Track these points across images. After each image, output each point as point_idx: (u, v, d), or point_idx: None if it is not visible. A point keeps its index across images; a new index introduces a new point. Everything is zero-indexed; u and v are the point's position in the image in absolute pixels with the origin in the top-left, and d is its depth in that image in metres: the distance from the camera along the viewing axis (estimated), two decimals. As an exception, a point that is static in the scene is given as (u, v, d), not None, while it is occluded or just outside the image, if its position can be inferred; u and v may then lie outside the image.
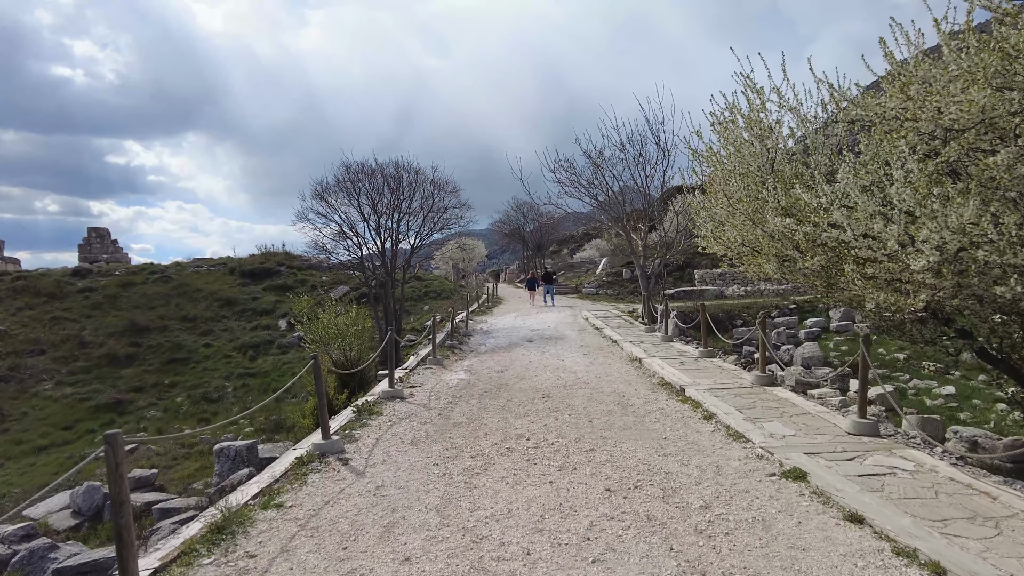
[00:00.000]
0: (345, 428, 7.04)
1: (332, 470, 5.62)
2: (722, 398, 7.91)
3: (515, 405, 8.09)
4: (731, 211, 8.50)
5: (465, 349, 14.14)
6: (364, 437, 6.68)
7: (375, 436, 6.72)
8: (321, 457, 5.95)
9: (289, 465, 5.71)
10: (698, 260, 33.64)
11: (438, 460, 5.82)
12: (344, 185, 19.13)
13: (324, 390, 6.22)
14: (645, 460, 5.67)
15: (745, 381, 9.09)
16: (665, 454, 5.84)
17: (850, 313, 20.71)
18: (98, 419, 18.32)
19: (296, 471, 5.58)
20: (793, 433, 6.28)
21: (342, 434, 6.79)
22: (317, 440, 6.20)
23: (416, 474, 5.44)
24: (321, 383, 6.19)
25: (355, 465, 5.74)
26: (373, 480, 5.32)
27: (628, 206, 19.67)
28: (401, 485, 5.17)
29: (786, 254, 8.18)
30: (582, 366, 11.10)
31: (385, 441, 6.52)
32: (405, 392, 9.01)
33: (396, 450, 6.18)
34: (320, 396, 6.19)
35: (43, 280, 28.42)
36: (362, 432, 6.89)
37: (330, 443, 6.12)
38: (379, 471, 5.55)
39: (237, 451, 11.59)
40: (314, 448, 6.08)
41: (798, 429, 6.43)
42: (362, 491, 5.07)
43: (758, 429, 6.43)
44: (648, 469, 5.42)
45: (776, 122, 8.70)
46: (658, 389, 8.96)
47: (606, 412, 7.60)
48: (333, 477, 5.43)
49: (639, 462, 5.62)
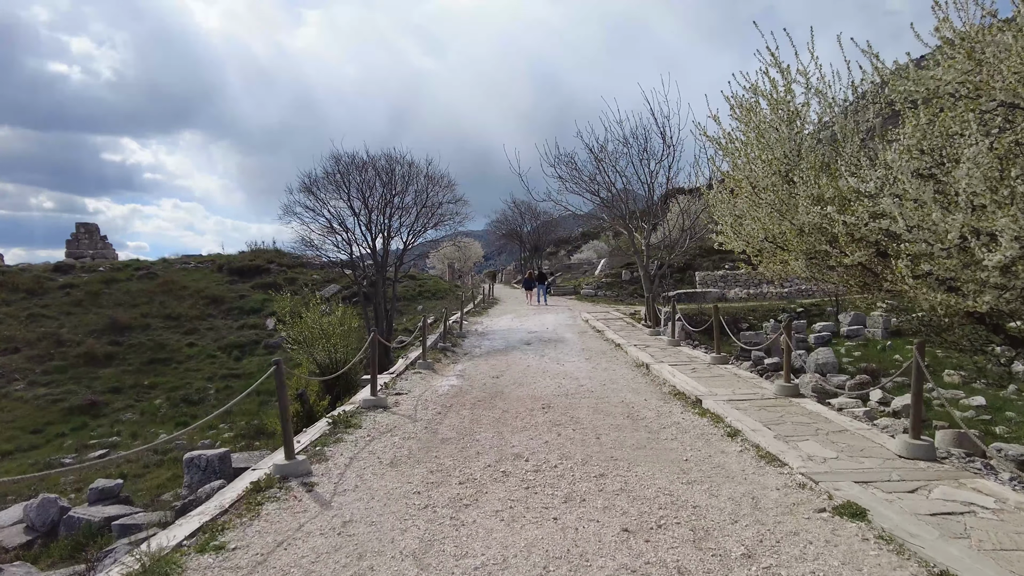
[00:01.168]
0: (316, 444, 6.12)
1: (293, 499, 4.70)
2: (745, 411, 7.02)
3: (512, 417, 7.18)
4: (755, 202, 7.61)
5: (459, 352, 13.23)
6: (336, 456, 5.76)
7: (349, 455, 5.80)
8: (282, 481, 5.03)
9: (243, 491, 4.78)
10: (699, 262, 32.81)
11: (420, 487, 4.91)
12: (333, 178, 18.20)
13: (287, 403, 5.30)
14: (666, 489, 4.77)
15: (767, 391, 8.20)
16: (689, 481, 4.94)
17: (860, 317, 19.87)
18: (70, 422, 17.32)
19: (250, 500, 4.65)
20: (835, 456, 5.38)
21: (312, 451, 5.87)
22: (279, 460, 5.28)
23: (392, 505, 4.53)
24: (284, 394, 5.27)
25: (321, 492, 4.82)
26: (340, 513, 4.40)
27: (631, 204, 18.78)
28: (373, 520, 4.26)
29: (818, 250, 7.31)
30: (584, 372, 10.20)
31: (360, 461, 5.60)
32: (389, 401, 8.09)
33: (372, 473, 5.26)
34: (283, 409, 5.27)
35: (22, 276, 27.38)
36: (335, 449, 5.96)
37: (294, 464, 5.20)
38: (348, 501, 4.63)
39: (208, 461, 10.63)
40: (275, 470, 5.16)
41: (839, 450, 5.53)
42: (325, 528, 4.15)
43: (793, 450, 5.54)
44: (671, 501, 4.52)
45: (803, 104, 7.84)
46: (671, 399, 8.05)
47: (615, 427, 6.69)
48: (293, 508, 4.51)
49: (659, 491, 4.72)
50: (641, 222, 18.47)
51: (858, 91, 7.64)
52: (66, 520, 9.99)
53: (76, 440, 15.95)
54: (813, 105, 7.87)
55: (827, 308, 22.19)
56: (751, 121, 8.08)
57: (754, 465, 5.34)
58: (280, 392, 5.28)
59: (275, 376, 5.26)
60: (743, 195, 7.72)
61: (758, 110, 8.07)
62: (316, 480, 5.09)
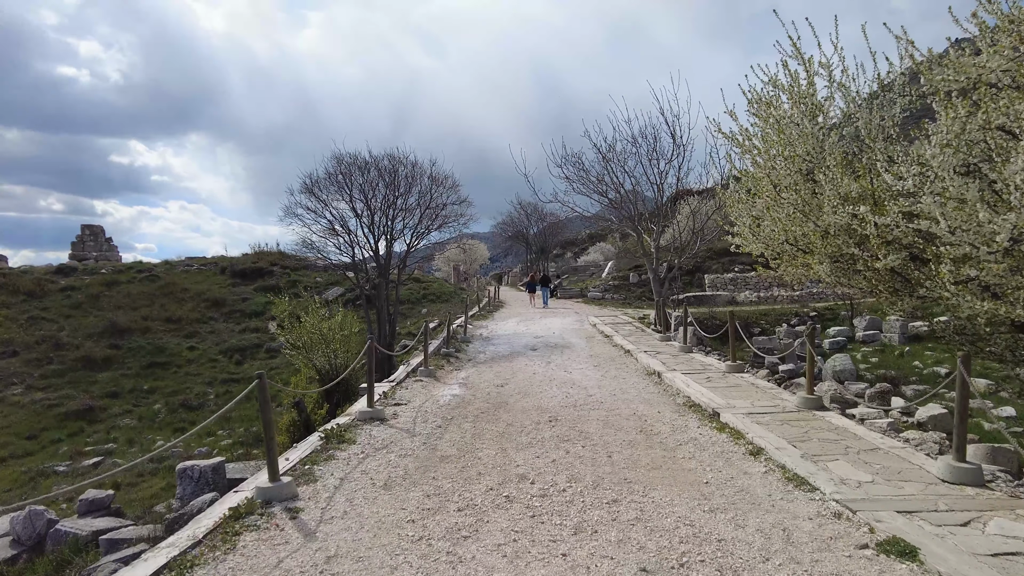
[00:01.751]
0: (306, 462, 5.68)
1: (274, 527, 4.26)
2: (767, 426, 6.54)
3: (516, 431, 6.72)
4: (776, 201, 7.14)
5: (462, 358, 12.79)
6: (326, 476, 5.32)
7: (340, 475, 5.36)
8: (265, 506, 4.59)
9: (220, 519, 4.34)
10: (708, 264, 32.28)
11: (415, 514, 4.46)
12: (335, 179, 17.80)
13: (272, 420, 4.87)
14: (687, 518, 4.30)
15: (788, 403, 7.72)
16: (711, 508, 4.47)
17: (876, 322, 19.31)
18: (66, 427, 16.97)
19: (227, 529, 4.22)
20: (871, 479, 4.90)
21: (300, 471, 5.43)
22: (263, 482, 4.84)
23: (383, 537, 4.08)
24: (268, 411, 4.84)
25: (306, 520, 4.37)
26: (325, 546, 3.95)
27: (640, 205, 18.30)
28: (361, 556, 3.81)
29: (844, 253, 6.83)
30: (593, 380, 9.73)
31: (351, 483, 5.16)
32: (387, 412, 7.64)
33: (363, 497, 4.81)
34: (267, 426, 4.84)
35: (23, 278, 27.12)
36: (325, 468, 5.52)
37: (278, 487, 4.76)
38: (335, 531, 4.19)
39: (201, 472, 10.26)
40: (257, 494, 4.72)
41: (874, 473, 5.05)
42: (306, 565, 3.71)
43: (823, 472, 5.06)
44: (693, 534, 4.05)
45: (826, 99, 7.37)
46: (686, 412, 7.58)
47: (627, 443, 6.23)
48: (273, 540, 4.07)
49: (679, 521, 4.25)
50: (650, 224, 17.99)
51: (884, 83, 7.18)
52: (53, 534, 9.60)
53: (71, 447, 15.59)
54: (836, 99, 7.42)
55: (841, 312, 21.63)
56: (771, 116, 7.61)
57: (781, 489, 4.87)
58: (263, 409, 4.84)
59: (258, 392, 4.83)
60: (763, 194, 7.24)
61: (778, 104, 7.61)
62: (302, 505, 4.65)
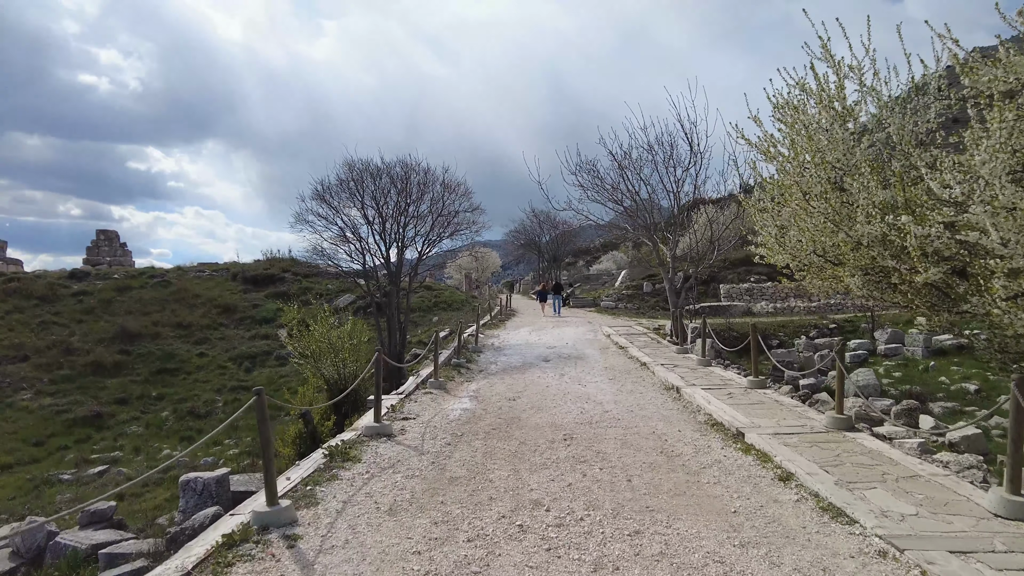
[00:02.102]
0: (307, 482, 5.37)
1: (270, 557, 3.95)
2: (795, 448, 6.16)
3: (530, 451, 6.39)
4: (805, 210, 6.78)
5: (473, 369, 12.48)
6: (328, 499, 5.01)
7: (343, 497, 5.05)
8: (261, 533, 4.29)
9: (212, 547, 4.04)
10: (723, 274, 31.79)
11: (421, 544, 4.14)
12: (347, 185, 17.60)
13: (270, 440, 4.57)
14: (716, 553, 3.95)
15: (816, 423, 7.32)
16: (742, 543, 4.11)
17: (899, 335, 18.78)
18: (73, 434, 16.83)
19: (218, 559, 3.91)
20: (914, 511, 4.52)
21: (301, 492, 5.13)
22: (260, 506, 4.54)
23: (386, 570, 3.76)
24: (267, 430, 4.54)
25: (304, 550, 4.06)
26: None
27: (656, 214, 17.94)
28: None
29: (878, 266, 6.45)
30: (609, 395, 9.38)
31: (355, 506, 4.85)
32: (395, 427, 7.34)
33: (366, 523, 4.50)
34: (265, 445, 4.54)
35: (36, 283, 27.19)
36: (327, 490, 5.22)
37: (276, 512, 4.45)
38: (335, 562, 3.87)
39: (205, 484, 9.98)
40: (253, 519, 4.42)
41: (918, 504, 4.67)
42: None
43: (861, 502, 4.69)
44: (724, 573, 3.70)
45: (855, 103, 7.03)
46: (708, 431, 7.21)
47: (647, 465, 5.87)
48: (267, 572, 3.77)
49: (708, 557, 3.90)
50: (666, 232, 17.62)
51: (918, 86, 6.82)
52: (52, 546, 9.37)
53: (77, 454, 15.43)
54: (867, 104, 7.08)
55: (862, 324, 21.11)
56: (798, 121, 7.26)
57: (816, 520, 4.50)
58: (261, 427, 4.55)
59: (256, 410, 4.54)
60: (792, 202, 6.88)
61: (806, 109, 7.27)
62: (301, 532, 4.34)
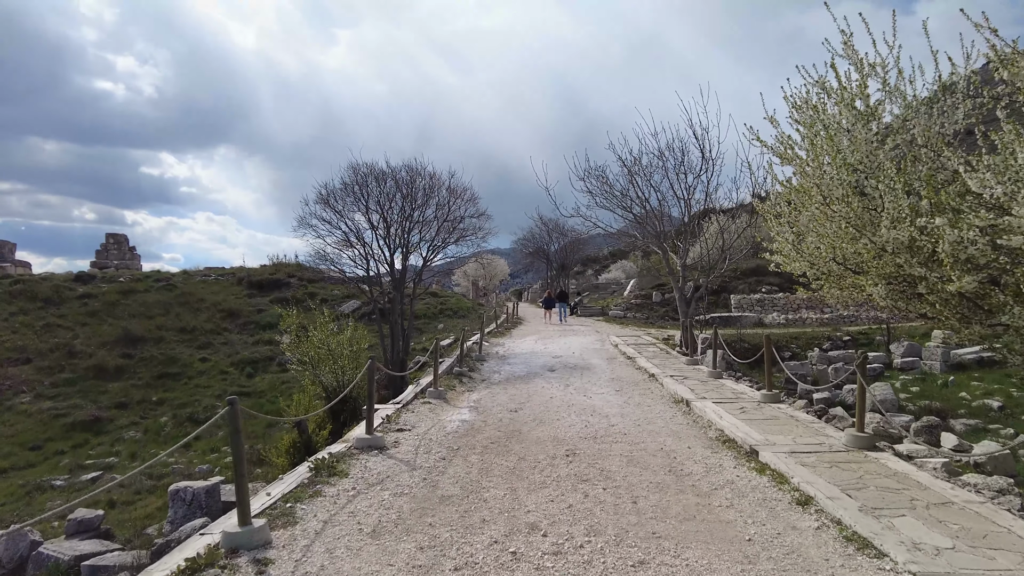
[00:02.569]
0: (288, 499, 5.01)
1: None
2: (814, 468, 5.73)
3: (529, 467, 5.99)
4: (826, 214, 6.37)
5: (476, 378, 12.10)
6: (308, 518, 4.64)
7: (324, 516, 4.67)
8: (230, 556, 3.92)
9: (172, 573, 3.68)
10: (734, 284, 31.26)
11: (403, 573, 3.75)
12: (352, 189, 17.33)
13: (243, 453, 4.21)
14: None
15: (834, 441, 6.88)
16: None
17: (916, 348, 18.23)
18: (71, 439, 16.56)
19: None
20: (950, 544, 4.09)
21: (280, 510, 4.76)
22: (231, 526, 4.17)
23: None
24: (240, 444, 4.18)
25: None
26: (289, 616, 3.27)
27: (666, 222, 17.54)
28: (330, 632, 3.12)
29: (903, 274, 6.03)
30: (615, 407, 8.97)
31: (336, 527, 4.47)
32: (388, 440, 6.96)
33: (345, 547, 4.12)
34: (237, 461, 4.18)
35: (42, 285, 27.10)
36: (309, 508, 4.84)
37: (248, 533, 4.09)
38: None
39: (195, 494, 9.66)
40: (223, 540, 4.05)
41: (953, 536, 4.23)
42: (262, 643, 3.02)
43: (890, 532, 4.26)
44: (740, 614, 3.29)
45: (878, 103, 6.62)
46: (719, 448, 6.78)
47: (655, 485, 5.46)
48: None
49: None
50: (676, 241, 17.21)
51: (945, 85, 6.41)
52: (35, 556, 9.05)
53: (72, 459, 15.15)
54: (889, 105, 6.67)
55: (876, 337, 20.56)
56: (817, 122, 6.86)
57: (841, 552, 4.08)
58: (234, 441, 4.20)
59: (228, 421, 4.19)
60: (812, 207, 6.47)
61: (826, 108, 6.87)
62: (273, 556, 3.97)
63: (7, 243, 38.14)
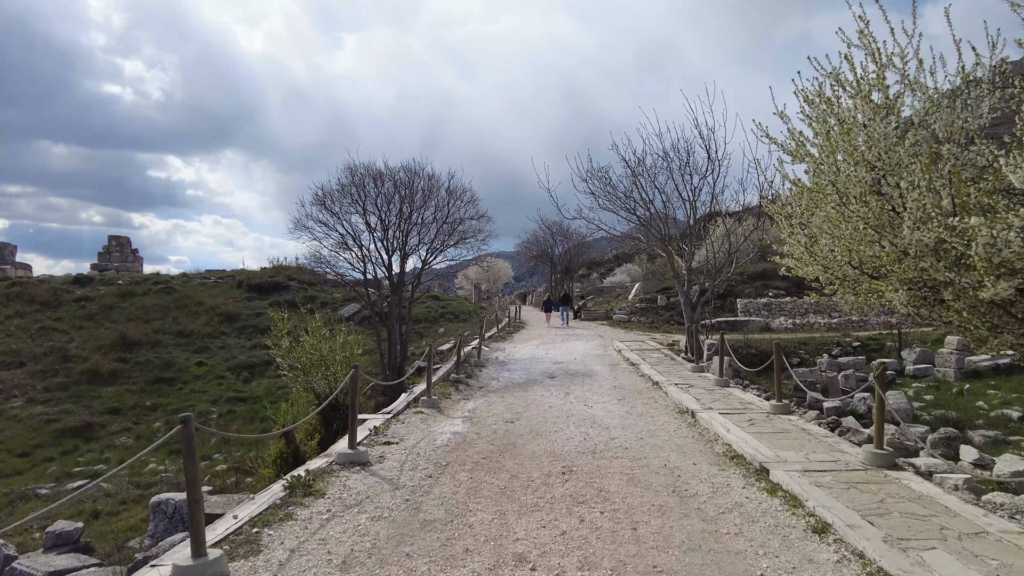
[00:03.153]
0: (255, 523, 4.58)
1: (178, 632, 3.16)
2: (829, 490, 5.27)
3: (521, 487, 5.55)
4: (842, 215, 5.92)
5: (473, 385, 11.68)
6: (274, 546, 4.21)
7: (292, 544, 4.25)
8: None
9: (110, 615, 3.25)
10: (740, 288, 30.74)
11: (370, 617, 3.32)
12: (348, 191, 16.94)
13: (197, 476, 3.79)
14: (741, 641, 3.09)
15: (851, 458, 6.41)
16: (774, 624, 3.25)
17: (928, 354, 17.70)
18: (60, 445, 16.21)
19: (114, 632, 3.12)
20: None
21: (246, 535, 4.34)
22: (183, 559, 3.75)
23: (318, 658, 2.95)
24: (194, 466, 3.76)
25: (223, 622, 3.26)
26: (232, 672, 2.84)
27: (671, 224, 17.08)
28: None
29: (928, 279, 5.58)
30: (617, 418, 8.52)
31: (303, 557, 4.04)
32: (372, 454, 6.53)
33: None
34: (191, 484, 3.76)
35: (39, 287, 26.82)
36: (276, 534, 4.42)
37: (201, 567, 3.66)
38: (256, 643, 3.07)
39: (176, 507, 9.26)
40: (173, 574, 3.63)
41: (993, 574, 3.77)
42: None
43: (921, 569, 3.80)
44: (753, 672, 2.84)
45: (896, 96, 6.17)
46: (727, 464, 6.33)
47: (657, 509, 5.01)
48: (167, 655, 2.97)
49: (731, 647, 3.04)
50: (681, 244, 16.75)
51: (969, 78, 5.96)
52: (8, 572, 8.64)
53: (61, 467, 14.78)
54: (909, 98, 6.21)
55: (887, 343, 20.03)
56: (831, 116, 6.42)
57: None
58: (188, 463, 3.77)
59: (182, 441, 3.77)
60: (828, 206, 6.03)
61: (840, 102, 6.42)
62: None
63: (8, 245, 37.94)
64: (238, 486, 12.46)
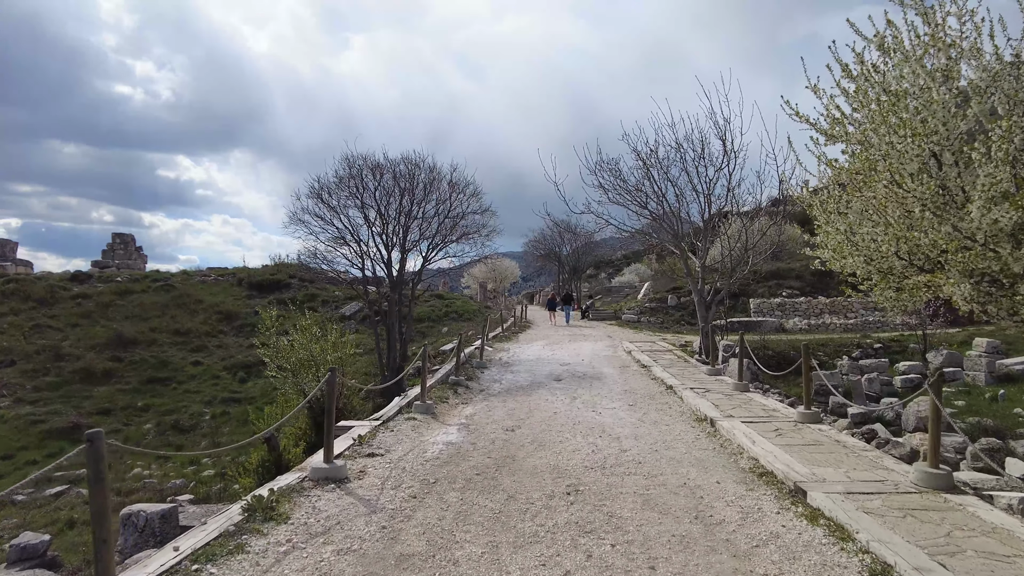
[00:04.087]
0: (199, 556, 3.82)
1: None
2: (883, 519, 4.46)
3: (519, 511, 4.76)
4: (896, 196, 5.09)
5: (473, 388, 10.91)
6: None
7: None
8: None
9: None
10: (753, 287, 29.79)
11: None
12: (346, 183, 16.21)
13: (106, 506, 3.05)
14: None
15: (899, 476, 5.57)
16: None
17: (956, 357, 16.75)
18: (45, 447, 15.58)
19: None
20: (1114, 655, 2.81)
21: (184, 572, 3.58)
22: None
23: None
24: (102, 494, 3.02)
25: None
26: None
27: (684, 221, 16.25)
28: None
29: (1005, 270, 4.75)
30: (628, 427, 7.72)
31: (244, 607, 3.28)
32: (352, 468, 5.77)
33: (244, 647, 2.93)
34: (99, 517, 3.00)
35: (36, 285, 26.27)
36: (220, 571, 3.66)
37: (108, 624, 2.91)
38: None
39: (148, 520, 8.47)
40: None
41: (1111, 638, 2.96)
42: None
43: (1017, 629, 2.99)
44: None
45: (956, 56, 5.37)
46: (756, 484, 5.51)
47: (678, 540, 4.22)
48: None
49: None
50: (695, 241, 15.91)
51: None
52: (-35, 590, 7.97)
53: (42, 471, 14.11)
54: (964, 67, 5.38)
55: (910, 344, 19.09)
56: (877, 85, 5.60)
57: (951, 662, 2.81)
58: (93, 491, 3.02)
59: (88, 464, 3.03)
60: (879, 185, 5.21)
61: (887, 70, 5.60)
62: (138, 660, 2.79)
63: (9, 242, 37.56)
64: (224, 493, 11.75)
